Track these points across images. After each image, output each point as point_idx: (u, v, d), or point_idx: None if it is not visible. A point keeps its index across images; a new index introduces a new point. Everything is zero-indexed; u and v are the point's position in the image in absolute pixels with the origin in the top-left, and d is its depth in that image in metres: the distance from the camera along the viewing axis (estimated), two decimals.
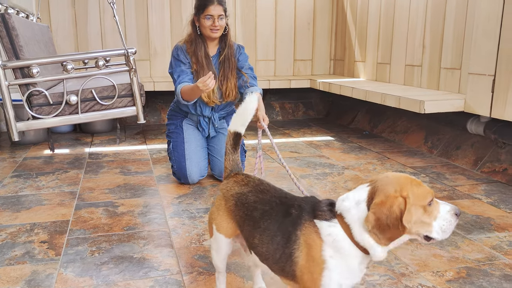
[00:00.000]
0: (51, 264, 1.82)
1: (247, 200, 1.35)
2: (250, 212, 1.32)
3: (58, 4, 4.41)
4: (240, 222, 1.36)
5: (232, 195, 1.40)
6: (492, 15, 2.82)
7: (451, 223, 1.15)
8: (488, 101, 2.90)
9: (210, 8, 2.61)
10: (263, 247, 1.27)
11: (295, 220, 1.21)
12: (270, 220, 1.26)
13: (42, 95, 2.32)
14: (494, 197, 2.61)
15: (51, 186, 2.77)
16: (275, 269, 1.27)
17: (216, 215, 1.44)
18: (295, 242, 1.18)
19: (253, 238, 1.29)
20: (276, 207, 1.28)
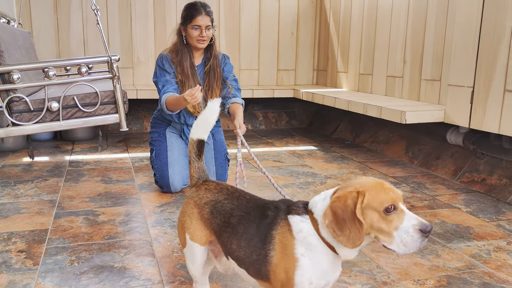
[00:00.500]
0: (28, 274, 1.78)
1: (223, 207, 1.35)
2: (227, 219, 1.32)
3: (40, 10, 4.36)
4: (217, 229, 1.35)
5: (206, 203, 1.40)
6: (471, 28, 2.90)
7: (413, 239, 1.08)
8: (467, 112, 2.97)
9: (198, 18, 2.62)
10: (240, 251, 1.27)
11: (271, 221, 1.22)
12: (248, 225, 1.27)
13: (22, 102, 2.28)
14: (473, 206, 2.65)
15: (29, 194, 2.71)
16: (252, 272, 1.27)
17: (189, 224, 1.41)
18: (271, 242, 1.20)
19: (231, 244, 1.30)
20: (252, 211, 1.29)
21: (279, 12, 5.13)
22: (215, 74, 2.74)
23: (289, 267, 1.16)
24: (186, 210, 1.44)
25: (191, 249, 1.43)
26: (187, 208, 1.44)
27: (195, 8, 2.65)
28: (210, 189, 1.43)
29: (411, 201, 2.73)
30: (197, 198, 1.43)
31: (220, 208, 1.36)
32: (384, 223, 1.09)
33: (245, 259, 1.26)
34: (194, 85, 2.65)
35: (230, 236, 1.30)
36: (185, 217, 1.43)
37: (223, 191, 1.41)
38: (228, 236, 1.31)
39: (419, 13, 3.61)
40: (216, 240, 1.39)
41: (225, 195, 1.39)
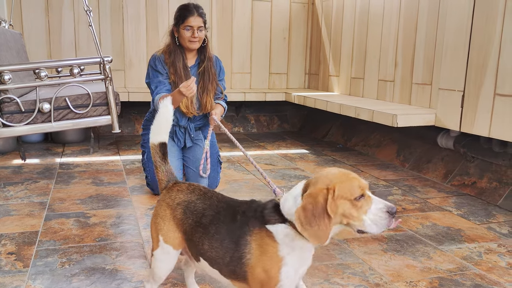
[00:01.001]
0: (18, 276, 1.75)
1: (195, 207, 1.37)
2: (199, 219, 1.34)
3: (31, 11, 4.33)
4: (189, 230, 1.36)
5: (179, 203, 1.39)
6: (461, 32, 2.93)
7: (382, 218, 1.18)
8: (457, 116, 3.00)
9: (190, 19, 2.62)
10: (212, 252, 1.29)
11: (242, 226, 1.26)
12: (219, 225, 1.30)
13: (13, 103, 2.26)
14: (464, 209, 2.67)
15: (19, 196, 2.68)
16: (225, 272, 1.30)
17: (162, 226, 1.40)
18: (246, 246, 1.24)
19: (203, 244, 1.31)
20: (223, 211, 1.33)
21: (271, 16, 5.15)
22: (209, 76, 2.74)
23: (272, 267, 1.21)
24: (159, 212, 1.42)
25: (164, 252, 1.41)
26: (159, 210, 1.43)
27: (187, 9, 2.65)
28: (182, 190, 1.43)
29: (402, 203, 2.75)
30: (169, 200, 1.42)
31: (193, 208, 1.37)
32: (354, 209, 1.18)
33: (218, 259, 1.29)
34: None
35: (202, 236, 1.32)
36: (158, 219, 1.42)
37: (195, 191, 1.42)
38: (199, 236, 1.32)
39: (410, 18, 3.64)
40: (186, 242, 1.39)
41: (197, 195, 1.40)
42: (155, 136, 1.47)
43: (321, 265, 1.92)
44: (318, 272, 1.85)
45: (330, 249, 2.08)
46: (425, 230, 2.34)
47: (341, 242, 2.16)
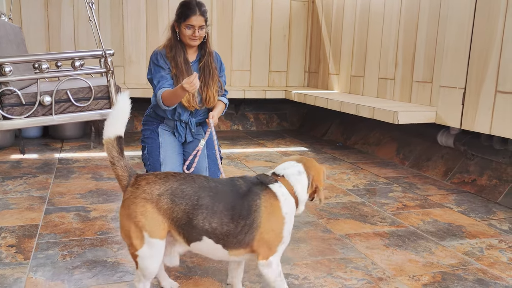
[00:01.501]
0: (19, 268, 1.74)
1: (184, 192, 1.38)
2: (195, 201, 1.37)
3: (30, 5, 4.31)
4: (183, 215, 1.37)
5: (161, 194, 1.37)
6: (463, 30, 2.93)
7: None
8: (458, 113, 3.00)
9: (192, 18, 2.61)
10: (223, 227, 1.37)
11: (250, 194, 1.40)
12: (225, 201, 1.38)
13: (14, 95, 2.24)
14: (464, 206, 2.68)
15: (19, 190, 2.66)
16: (231, 243, 1.39)
17: (145, 221, 1.36)
18: (257, 211, 1.39)
19: (210, 223, 1.37)
20: (222, 189, 1.41)
21: (271, 14, 5.15)
22: (210, 71, 2.73)
23: (278, 226, 1.41)
24: (136, 209, 1.37)
25: (151, 247, 1.38)
26: (137, 207, 1.37)
27: (189, 7, 2.63)
28: (155, 181, 1.40)
29: (403, 200, 2.75)
30: (145, 194, 1.37)
31: (181, 194, 1.38)
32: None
33: (228, 233, 1.37)
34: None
35: (207, 216, 1.36)
36: (138, 217, 1.36)
37: (171, 178, 1.41)
38: (204, 218, 1.36)
39: (411, 16, 3.65)
40: (175, 229, 1.38)
41: (178, 181, 1.40)
42: (110, 129, 1.39)
43: (324, 259, 1.91)
44: (320, 266, 1.85)
45: (332, 244, 2.08)
46: (426, 226, 2.34)
47: (343, 237, 2.16)
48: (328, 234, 2.19)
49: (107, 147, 1.41)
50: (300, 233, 2.19)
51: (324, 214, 2.46)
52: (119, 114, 1.41)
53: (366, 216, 2.46)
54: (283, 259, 1.91)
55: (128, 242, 1.41)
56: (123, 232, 1.41)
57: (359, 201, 2.72)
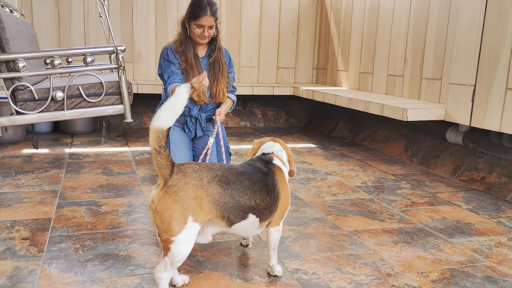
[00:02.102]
0: (33, 260, 1.77)
1: (228, 178, 1.55)
2: (240, 185, 1.56)
3: (42, 1, 4.35)
4: (229, 199, 1.53)
5: (210, 181, 1.50)
6: (473, 26, 2.92)
7: None
8: (468, 111, 2.99)
9: (202, 18, 2.62)
10: (264, 202, 1.61)
11: (269, 172, 1.66)
12: (259, 181, 1.61)
13: (27, 90, 2.27)
14: (473, 204, 2.68)
15: (31, 185, 2.70)
16: (265, 215, 1.63)
17: (194, 206, 1.46)
18: (277, 184, 1.66)
19: (255, 200, 1.58)
20: (250, 172, 1.62)
21: (280, 10, 5.15)
22: (220, 66, 2.76)
23: (287, 193, 1.72)
24: (187, 194, 1.45)
25: (190, 232, 1.46)
26: (187, 193, 1.45)
27: (201, 7, 2.62)
28: (200, 169, 1.52)
29: (411, 197, 2.75)
30: (195, 181, 1.47)
31: (226, 180, 1.54)
32: None
33: (266, 206, 1.62)
34: (198, 74, 2.67)
35: (252, 196, 1.58)
36: (188, 201, 1.45)
37: (211, 166, 1.57)
38: (249, 197, 1.57)
39: (421, 12, 3.63)
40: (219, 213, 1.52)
41: (219, 169, 1.57)
42: (164, 119, 1.41)
43: (333, 255, 1.93)
44: (329, 262, 1.86)
45: (341, 240, 2.09)
46: (434, 223, 2.34)
47: (351, 234, 2.17)
48: (336, 231, 2.20)
49: (157, 136, 1.42)
50: (309, 229, 2.21)
51: (333, 211, 2.48)
52: (177, 106, 1.43)
53: (375, 212, 2.47)
54: (291, 254, 1.93)
55: (163, 228, 1.45)
56: (162, 217, 1.45)
57: (368, 198, 2.73)
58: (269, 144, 1.82)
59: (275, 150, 1.78)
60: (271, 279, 1.71)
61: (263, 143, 1.84)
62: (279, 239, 1.73)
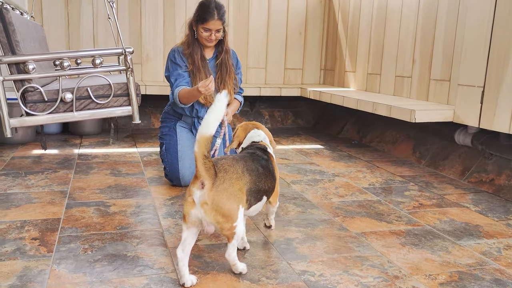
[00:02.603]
0: (43, 260, 1.79)
1: (250, 167, 1.77)
2: (257, 172, 1.78)
3: (51, 4, 4.39)
4: (253, 184, 1.75)
5: (242, 171, 1.71)
6: (482, 27, 2.91)
7: None
8: (477, 112, 2.97)
9: (209, 22, 2.62)
10: (271, 184, 1.86)
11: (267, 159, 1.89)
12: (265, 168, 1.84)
13: (37, 92, 2.30)
14: (482, 206, 2.66)
15: (40, 185, 2.73)
16: (269, 196, 1.89)
17: (241, 195, 1.67)
18: (273, 169, 1.90)
19: (265, 184, 1.83)
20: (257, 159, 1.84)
21: (287, 11, 5.15)
22: (227, 68, 2.77)
23: (278, 175, 1.97)
24: (235, 187, 1.65)
25: (241, 215, 1.68)
26: (234, 186, 1.65)
27: (208, 10, 2.62)
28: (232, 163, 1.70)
29: (419, 199, 2.74)
30: (235, 175, 1.67)
31: (250, 169, 1.76)
32: None
33: (271, 188, 1.87)
34: (205, 76, 2.68)
35: (265, 181, 1.82)
36: (237, 193, 1.65)
37: (235, 158, 1.76)
38: (264, 182, 1.81)
39: (429, 13, 3.62)
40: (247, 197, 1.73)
41: (242, 160, 1.76)
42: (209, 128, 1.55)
43: (340, 257, 1.93)
44: (337, 264, 1.86)
45: (348, 241, 2.09)
46: (442, 225, 2.33)
47: (359, 235, 2.17)
48: (344, 232, 2.20)
49: (205, 144, 1.55)
50: (316, 230, 2.21)
51: (340, 212, 2.48)
52: (218, 112, 1.56)
53: (382, 214, 2.47)
54: (298, 256, 1.93)
55: (225, 220, 1.62)
56: (222, 213, 1.61)
57: (375, 199, 2.72)
58: (255, 132, 2.02)
59: (262, 138, 2.01)
60: (278, 280, 1.71)
61: (247, 130, 2.04)
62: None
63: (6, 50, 2.27)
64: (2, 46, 2.26)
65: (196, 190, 1.60)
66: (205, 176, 1.59)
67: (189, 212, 1.62)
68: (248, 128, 2.05)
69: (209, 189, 1.59)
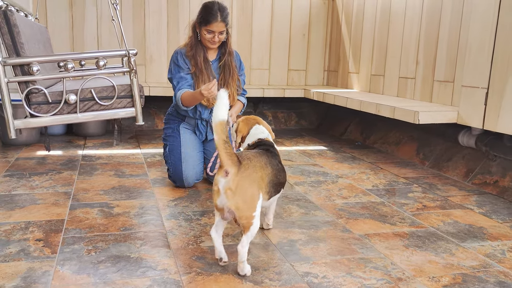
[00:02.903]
0: (47, 261, 1.80)
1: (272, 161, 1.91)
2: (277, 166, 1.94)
3: (56, 6, 4.41)
4: (274, 177, 1.88)
5: (265, 163, 1.85)
6: (486, 27, 2.90)
7: None
8: (481, 114, 2.96)
9: (213, 24, 2.62)
10: (285, 177, 2.02)
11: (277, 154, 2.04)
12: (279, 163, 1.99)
13: (41, 93, 2.31)
14: (486, 208, 2.65)
15: (45, 186, 2.74)
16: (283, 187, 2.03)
17: (262, 184, 1.79)
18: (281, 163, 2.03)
19: (284, 177, 2.00)
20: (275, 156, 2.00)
21: (291, 12, 5.15)
22: (230, 70, 2.77)
23: None
24: (258, 176, 1.76)
25: (260, 206, 1.75)
26: (257, 174, 1.76)
27: (211, 13, 2.62)
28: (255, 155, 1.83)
29: (423, 201, 2.73)
30: (259, 164, 1.79)
31: (271, 163, 1.89)
32: None
33: (285, 180, 2.02)
34: (207, 78, 2.69)
35: (283, 174, 1.99)
36: (259, 181, 1.76)
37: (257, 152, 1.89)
38: (281, 175, 1.96)
39: (433, 13, 3.61)
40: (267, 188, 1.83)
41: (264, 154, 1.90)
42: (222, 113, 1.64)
43: (343, 259, 1.92)
44: (340, 266, 1.86)
45: (351, 243, 2.09)
46: (446, 227, 2.33)
47: (362, 237, 2.16)
48: (347, 234, 2.20)
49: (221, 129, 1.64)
50: (319, 232, 2.21)
51: (343, 214, 2.47)
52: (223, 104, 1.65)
53: (386, 216, 2.46)
54: (302, 257, 1.93)
55: (246, 207, 1.70)
56: (244, 197, 1.69)
57: (379, 201, 2.71)
58: (259, 129, 2.12)
59: (266, 135, 2.12)
60: (282, 282, 1.71)
61: (249, 125, 2.13)
62: None
63: (11, 52, 2.28)
64: (7, 48, 2.28)
65: (220, 179, 1.68)
66: (228, 163, 1.66)
67: (216, 201, 1.73)
68: (250, 123, 2.13)
69: (234, 175, 1.67)
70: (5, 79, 2.24)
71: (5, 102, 2.26)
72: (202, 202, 2.58)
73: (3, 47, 2.28)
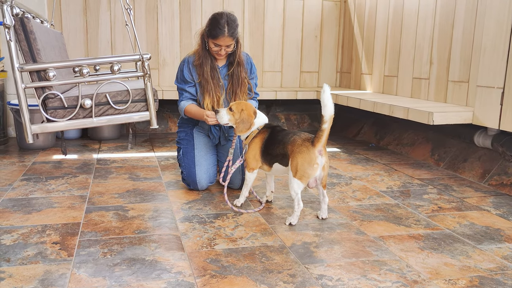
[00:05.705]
0: (63, 264, 1.82)
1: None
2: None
3: (71, 12, 4.48)
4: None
5: None
6: (501, 27, 2.86)
7: None
8: (497, 114, 2.93)
9: (219, 38, 2.60)
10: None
11: None
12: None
13: (57, 99, 2.34)
14: (503, 209, 2.61)
15: (61, 190, 2.78)
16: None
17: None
18: None
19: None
20: None
21: (303, 14, 5.15)
22: (239, 81, 2.75)
23: None
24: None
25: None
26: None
27: (219, 27, 2.58)
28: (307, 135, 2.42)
29: (438, 202, 2.70)
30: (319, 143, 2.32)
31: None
32: None
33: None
34: (213, 87, 2.69)
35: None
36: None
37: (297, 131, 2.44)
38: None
39: (446, 12, 3.58)
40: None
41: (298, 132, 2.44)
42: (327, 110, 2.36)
43: (358, 261, 1.91)
44: (354, 268, 1.85)
45: (366, 245, 2.08)
46: (462, 229, 2.30)
47: (377, 239, 2.15)
48: (361, 236, 2.19)
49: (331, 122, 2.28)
50: (333, 234, 2.20)
51: (358, 216, 2.46)
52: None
53: (400, 218, 2.44)
54: (316, 260, 1.92)
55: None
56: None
57: (393, 203, 2.69)
58: (262, 115, 2.52)
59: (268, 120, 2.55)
60: (296, 284, 1.71)
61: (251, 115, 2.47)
62: None
63: (28, 58, 2.32)
64: (24, 54, 2.31)
65: (320, 158, 2.26)
66: (324, 145, 2.30)
67: (316, 174, 2.27)
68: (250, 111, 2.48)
69: (326, 154, 2.31)
70: (22, 85, 2.27)
71: (22, 107, 2.30)
72: (216, 204, 2.59)
73: (20, 53, 2.32)
